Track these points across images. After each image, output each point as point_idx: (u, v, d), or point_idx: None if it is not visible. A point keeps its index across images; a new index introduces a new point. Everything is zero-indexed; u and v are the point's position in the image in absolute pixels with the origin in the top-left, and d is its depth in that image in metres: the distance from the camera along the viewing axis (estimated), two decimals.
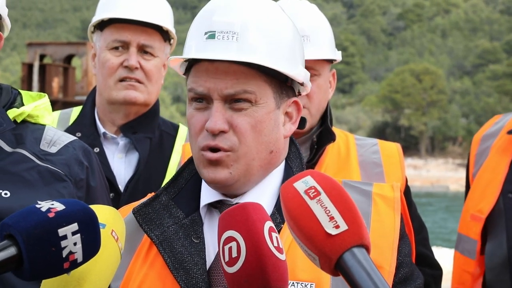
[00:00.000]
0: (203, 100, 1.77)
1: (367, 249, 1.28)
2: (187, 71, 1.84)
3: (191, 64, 1.80)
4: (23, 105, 2.27)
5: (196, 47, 1.77)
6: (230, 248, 1.36)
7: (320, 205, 1.29)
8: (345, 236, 1.26)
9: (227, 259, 1.36)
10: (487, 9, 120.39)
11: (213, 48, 1.74)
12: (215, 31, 1.75)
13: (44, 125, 2.31)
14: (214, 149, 1.76)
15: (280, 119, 1.82)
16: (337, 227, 1.27)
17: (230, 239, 1.37)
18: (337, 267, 1.27)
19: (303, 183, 1.33)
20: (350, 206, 1.30)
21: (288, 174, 1.85)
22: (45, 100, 2.33)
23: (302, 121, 1.92)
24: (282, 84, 1.81)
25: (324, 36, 2.95)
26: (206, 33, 1.76)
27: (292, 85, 1.85)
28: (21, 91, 2.31)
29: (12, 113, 2.22)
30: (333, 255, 1.26)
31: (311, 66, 2.81)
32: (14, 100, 2.26)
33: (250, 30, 1.75)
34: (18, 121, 2.24)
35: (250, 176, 1.79)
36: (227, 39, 1.74)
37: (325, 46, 2.93)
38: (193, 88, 1.77)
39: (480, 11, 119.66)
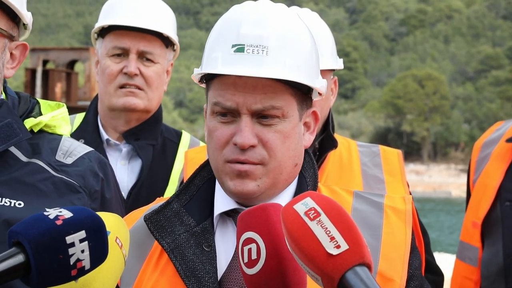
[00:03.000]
0: (228, 114, 1.75)
1: (369, 267, 1.29)
2: (206, 81, 1.81)
3: (214, 75, 1.77)
4: (41, 114, 2.24)
5: (223, 60, 1.73)
6: (249, 250, 1.38)
7: (321, 226, 1.30)
8: (346, 255, 1.27)
9: (246, 260, 1.38)
10: (490, 15, 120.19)
11: (242, 63, 1.71)
12: (243, 45, 1.72)
13: (61, 135, 2.28)
14: (243, 162, 1.74)
15: (301, 130, 1.83)
16: (338, 247, 1.28)
17: (250, 240, 1.38)
18: (340, 287, 1.27)
19: (303, 204, 1.33)
20: (350, 226, 1.30)
21: (302, 184, 1.84)
22: (63, 110, 2.30)
23: None
24: (304, 95, 1.81)
25: (325, 45, 2.95)
26: (234, 46, 1.73)
27: (311, 95, 1.85)
28: (39, 100, 2.29)
29: (29, 122, 2.20)
30: (335, 275, 1.27)
31: None
32: (32, 109, 2.23)
33: (278, 44, 1.73)
34: (35, 130, 2.22)
35: (275, 189, 1.79)
36: (257, 53, 1.72)
37: (326, 55, 2.94)
38: (220, 102, 1.74)
39: (482, 17, 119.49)
